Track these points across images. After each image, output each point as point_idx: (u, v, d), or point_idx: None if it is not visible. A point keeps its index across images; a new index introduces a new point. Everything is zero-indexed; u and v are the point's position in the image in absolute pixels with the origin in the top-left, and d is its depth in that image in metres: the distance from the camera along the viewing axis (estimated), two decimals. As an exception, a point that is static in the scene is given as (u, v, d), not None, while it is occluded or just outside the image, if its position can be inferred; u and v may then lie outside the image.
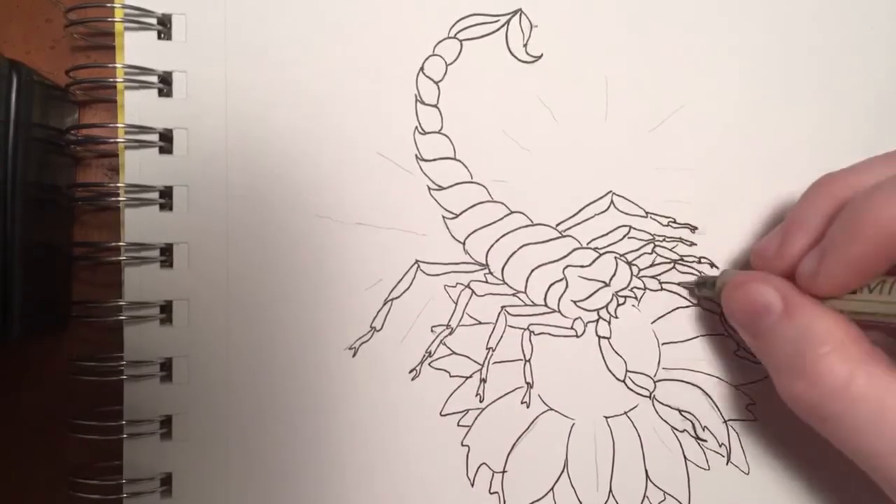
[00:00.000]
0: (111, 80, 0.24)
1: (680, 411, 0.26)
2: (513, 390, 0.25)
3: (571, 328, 0.26)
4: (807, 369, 0.20)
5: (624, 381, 0.26)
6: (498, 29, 0.26)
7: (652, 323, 0.26)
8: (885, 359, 0.20)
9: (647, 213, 0.26)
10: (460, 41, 0.25)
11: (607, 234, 0.26)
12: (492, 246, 0.25)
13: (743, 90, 0.26)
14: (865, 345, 0.20)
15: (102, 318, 0.24)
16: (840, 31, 0.27)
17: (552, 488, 0.25)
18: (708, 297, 0.25)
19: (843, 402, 0.19)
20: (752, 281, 0.22)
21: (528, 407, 0.25)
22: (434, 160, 0.25)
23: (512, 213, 0.26)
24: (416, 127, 0.25)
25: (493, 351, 0.25)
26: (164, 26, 0.24)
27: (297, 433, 0.24)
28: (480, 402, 0.25)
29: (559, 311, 0.26)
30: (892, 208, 0.19)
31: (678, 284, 0.26)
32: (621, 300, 0.26)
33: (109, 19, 0.24)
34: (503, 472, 0.25)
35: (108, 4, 0.24)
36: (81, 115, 0.25)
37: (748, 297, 0.22)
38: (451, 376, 0.25)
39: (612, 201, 0.26)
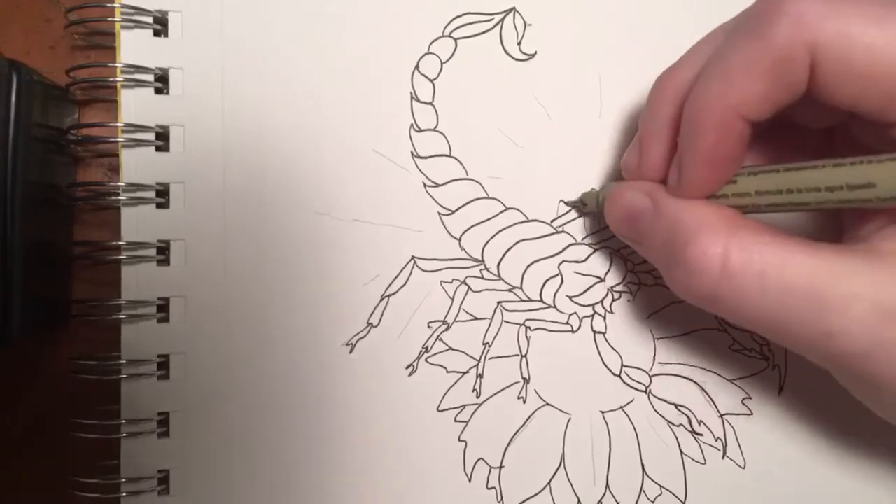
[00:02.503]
0: (110, 79, 0.24)
1: (676, 406, 0.26)
2: (509, 385, 0.25)
3: (567, 323, 0.26)
4: (682, 257, 0.19)
5: (620, 376, 0.26)
6: (492, 27, 0.26)
7: (647, 318, 0.26)
8: (761, 228, 0.19)
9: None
10: (455, 39, 0.26)
11: (602, 229, 0.26)
12: (487, 242, 0.26)
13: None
14: (738, 220, 0.19)
15: (102, 317, 0.24)
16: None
17: (549, 483, 0.25)
18: (594, 212, 0.25)
19: (723, 281, 0.19)
20: (623, 189, 0.22)
21: (524, 402, 0.25)
22: (430, 157, 0.26)
23: (507, 209, 0.26)
24: (412, 124, 0.25)
25: (490, 346, 0.25)
26: (160, 24, 0.24)
27: (294, 429, 0.24)
28: (477, 397, 0.25)
29: (555, 307, 0.26)
30: (720, 85, 0.19)
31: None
32: (616, 295, 0.26)
33: (109, 19, 0.24)
34: (500, 467, 0.25)
35: (108, 4, 0.24)
36: (81, 115, 0.26)
37: (622, 206, 0.22)
38: (447, 372, 0.25)
39: (606, 197, 0.26)
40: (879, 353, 0.18)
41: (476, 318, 0.25)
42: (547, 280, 0.26)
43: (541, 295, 0.26)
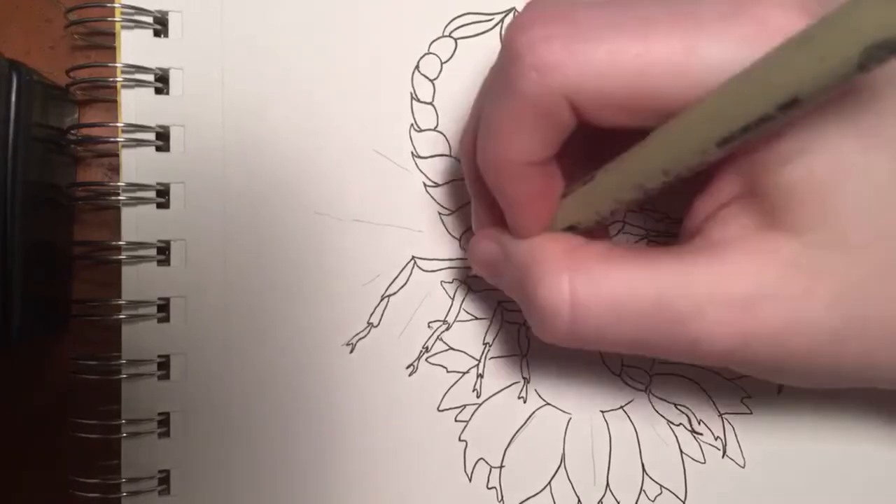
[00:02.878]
0: (110, 79, 0.24)
1: (676, 405, 0.26)
2: (510, 385, 0.25)
3: (567, 323, 0.26)
4: (534, 303, 0.19)
5: (620, 376, 0.26)
6: (492, 27, 0.26)
7: (647, 317, 0.26)
8: (603, 252, 0.19)
9: (640, 207, 0.26)
10: (455, 39, 0.26)
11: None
12: (488, 242, 0.26)
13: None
14: (578, 251, 0.19)
15: (102, 317, 0.24)
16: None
17: (549, 483, 0.25)
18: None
19: (577, 320, 0.18)
20: (476, 240, 0.22)
21: (524, 402, 0.25)
22: (430, 157, 0.26)
23: (507, 209, 0.26)
24: (412, 124, 0.25)
25: (490, 346, 0.25)
26: (160, 24, 0.24)
27: (294, 429, 0.24)
28: (478, 397, 0.25)
29: (555, 307, 0.26)
30: (493, 144, 0.19)
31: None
32: (617, 295, 0.26)
33: (109, 19, 0.24)
34: (501, 466, 0.25)
35: (108, 4, 0.24)
36: (81, 115, 0.26)
37: (477, 255, 0.22)
38: (448, 372, 0.25)
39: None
40: (748, 346, 0.17)
41: (476, 318, 0.25)
42: (547, 280, 0.26)
43: (541, 295, 0.26)
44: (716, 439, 0.26)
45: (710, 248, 0.18)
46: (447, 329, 0.25)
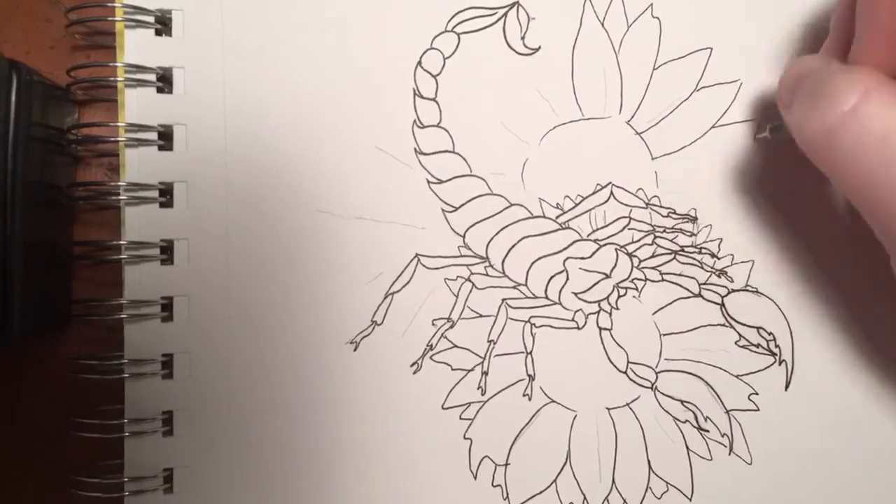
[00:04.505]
0: (111, 79, 0.24)
1: (682, 402, 0.26)
2: (515, 383, 0.25)
3: (573, 320, 0.26)
4: (821, 91, 0.19)
5: (626, 373, 0.26)
6: (495, 22, 0.26)
7: (653, 314, 0.26)
8: None
9: (647, 204, 0.26)
10: (458, 35, 0.26)
11: (607, 225, 0.26)
12: (492, 239, 0.25)
13: (741, 80, 0.26)
14: (886, 77, 0.19)
15: (103, 317, 0.24)
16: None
17: (555, 480, 0.25)
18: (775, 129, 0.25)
19: (848, 119, 0.18)
20: (806, 57, 0.22)
21: (530, 399, 0.25)
22: (433, 154, 0.25)
23: (511, 205, 0.26)
24: (415, 121, 0.25)
25: (495, 344, 0.25)
26: (162, 23, 0.24)
27: (298, 428, 0.24)
28: (482, 395, 0.25)
29: (560, 304, 0.26)
30: None
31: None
32: (622, 291, 0.26)
33: (110, 18, 0.24)
34: (506, 464, 0.25)
35: (109, 4, 0.24)
36: (82, 115, 0.25)
37: (798, 67, 0.22)
38: (452, 369, 0.25)
39: (611, 193, 0.26)
40: None
41: (481, 316, 0.25)
42: (552, 276, 0.26)
43: (546, 291, 0.26)
44: (722, 436, 0.26)
45: None
46: (451, 327, 0.25)
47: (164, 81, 0.24)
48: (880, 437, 0.26)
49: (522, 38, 0.26)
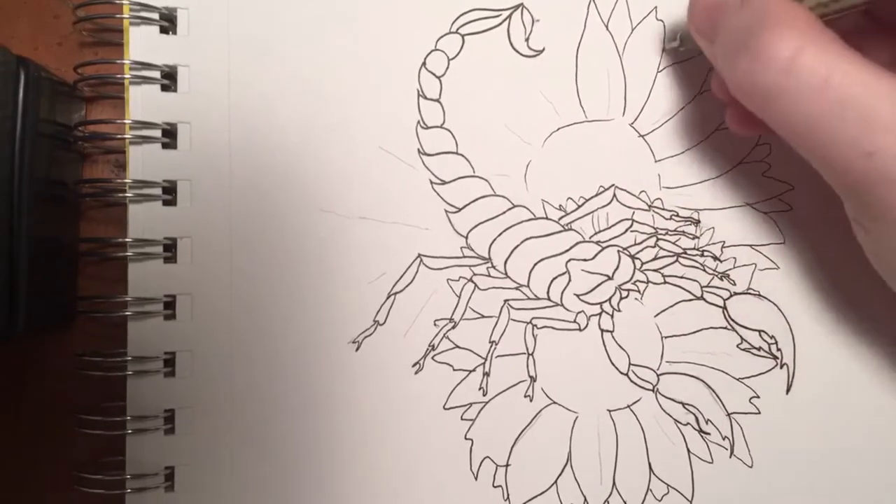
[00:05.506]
0: (118, 76, 0.24)
1: (683, 404, 0.26)
2: (516, 384, 0.25)
3: (574, 322, 0.26)
4: (755, 43, 0.19)
5: (627, 375, 0.26)
6: (500, 23, 0.26)
7: (655, 316, 0.26)
8: (837, 39, 0.19)
9: (649, 206, 0.26)
10: (462, 36, 0.26)
11: (610, 227, 0.26)
12: (494, 240, 0.26)
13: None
14: (818, 25, 0.19)
15: (107, 314, 0.24)
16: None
17: (556, 482, 0.25)
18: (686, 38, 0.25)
19: (788, 74, 0.18)
20: None
21: (531, 400, 0.25)
22: (436, 154, 0.25)
23: (514, 206, 0.26)
24: (419, 121, 0.25)
25: (497, 344, 0.25)
26: (167, 21, 0.24)
27: (299, 427, 0.24)
28: (484, 395, 0.25)
29: (562, 305, 0.26)
30: None
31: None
32: (624, 294, 0.26)
33: (117, 16, 0.24)
34: (507, 465, 0.25)
35: (116, 1, 0.24)
36: (89, 111, 0.26)
37: (705, 2, 0.22)
38: (454, 370, 0.25)
39: (614, 195, 0.26)
40: None
41: (483, 316, 0.25)
42: (554, 278, 0.26)
43: (548, 293, 0.26)
44: (723, 439, 0.26)
45: None
46: (453, 327, 0.25)
47: (169, 79, 0.24)
48: (881, 440, 0.26)
49: (527, 39, 0.26)
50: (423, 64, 0.25)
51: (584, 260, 0.26)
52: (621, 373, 0.26)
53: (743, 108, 0.21)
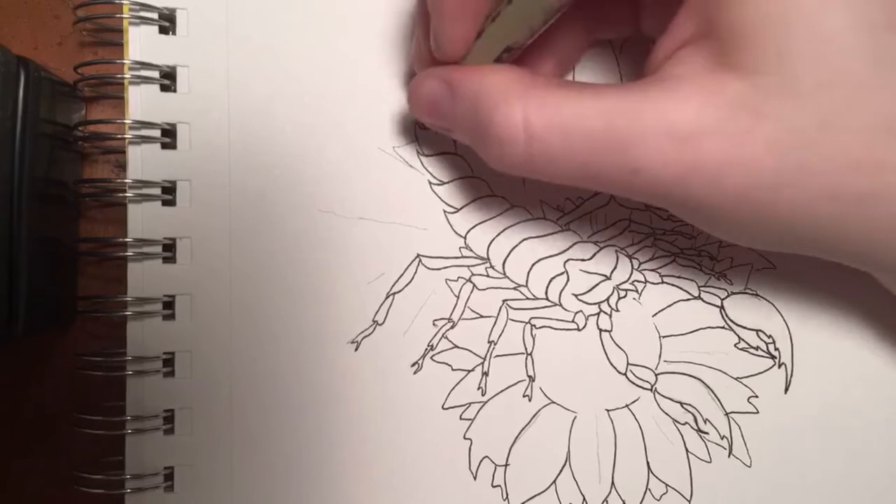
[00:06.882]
0: (118, 76, 0.24)
1: (681, 404, 0.26)
2: (515, 384, 0.25)
3: (573, 321, 0.26)
4: (488, 133, 0.19)
5: (625, 374, 0.26)
6: (498, 25, 0.26)
7: (653, 316, 0.26)
8: (552, 82, 0.19)
9: (646, 206, 0.26)
10: (461, 37, 0.26)
11: (608, 227, 0.26)
12: (493, 240, 0.26)
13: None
14: (528, 79, 0.19)
15: (108, 314, 0.24)
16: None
17: (554, 481, 0.25)
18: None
19: (531, 145, 0.19)
20: (419, 80, 0.22)
21: (530, 400, 0.25)
22: (435, 155, 0.26)
23: (512, 207, 0.26)
24: (417, 122, 0.25)
25: (495, 344, 0.25)
26: (167, 21, 0.24)
27: (299, 427, 0.24)
28: (482, 395, 0.25)
29: (560, 305, 0.26)
30: None
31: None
32: (622, 293, 0.26)
33: (117, 15, 0.24)
34: (506, 465, 0.25)
35: (116, 1, 0.24)
36: (89, 112, 0.26)
37: (421, 97, 0.22)
38: (453, 370, 0.25)
39: (611, 195, 0.26)
40: (685, 181, 0.18)
41: (481, 316, 0.25)
42: (552, 278, 0.26)
43: (546, 293, 0.26)
44: (722, 438, 0.26)
45: (660, 83, 0.18)
46: (452, 327, 0.25)
47: (169, 79, 0.24)
48: (879, 440, 0.26)
49: (525, 40, 0.26)
50: (423, 64, 0.26)
51: (583, 260, 0.26)
52: (620, 372, 0.26)
53: None
